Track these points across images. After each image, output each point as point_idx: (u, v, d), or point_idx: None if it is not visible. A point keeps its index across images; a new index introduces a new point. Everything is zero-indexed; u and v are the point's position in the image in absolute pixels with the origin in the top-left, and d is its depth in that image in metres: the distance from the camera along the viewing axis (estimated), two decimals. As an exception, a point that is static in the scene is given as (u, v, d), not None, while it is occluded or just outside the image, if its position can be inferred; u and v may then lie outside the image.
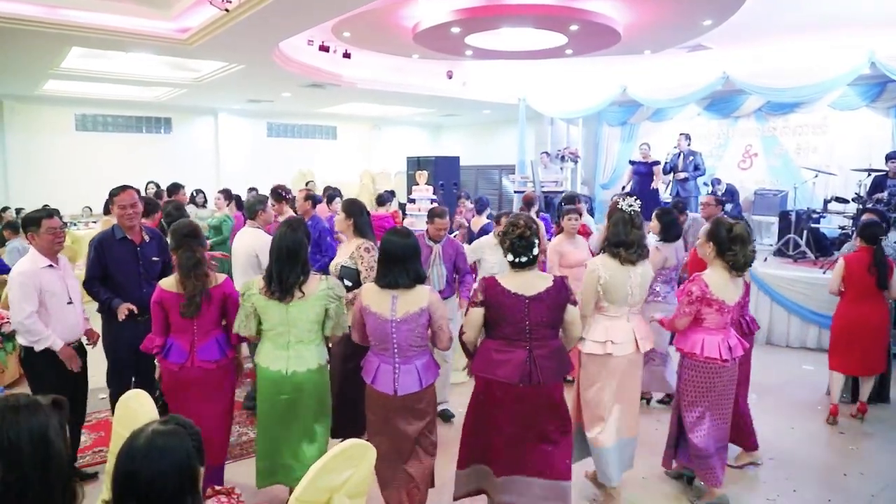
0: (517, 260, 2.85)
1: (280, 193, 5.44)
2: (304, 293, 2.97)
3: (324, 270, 5.00)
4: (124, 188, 3.81)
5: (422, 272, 2.95)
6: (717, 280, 3.32)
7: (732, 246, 3.29)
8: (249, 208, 4.77)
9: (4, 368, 5.11)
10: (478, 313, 2.88)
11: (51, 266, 3.39)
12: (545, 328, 2.84)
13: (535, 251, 2.87)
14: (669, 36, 7.94)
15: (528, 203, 6.79)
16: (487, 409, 2.91)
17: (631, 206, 3.32)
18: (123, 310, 3.58)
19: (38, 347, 3.33)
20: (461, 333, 2.99)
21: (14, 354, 5.03)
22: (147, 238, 3.86)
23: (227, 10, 6.09)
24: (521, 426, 2.85)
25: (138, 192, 3.95)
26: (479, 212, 7.22)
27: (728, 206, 9.27)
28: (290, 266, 2.96)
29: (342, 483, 2.08)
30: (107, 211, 7.59)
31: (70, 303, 3.48)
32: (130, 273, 3.74)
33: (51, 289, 3.37)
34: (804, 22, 7.46)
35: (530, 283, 2.84)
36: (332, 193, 6.92)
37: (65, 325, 3.44)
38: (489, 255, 5.00)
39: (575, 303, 2.93)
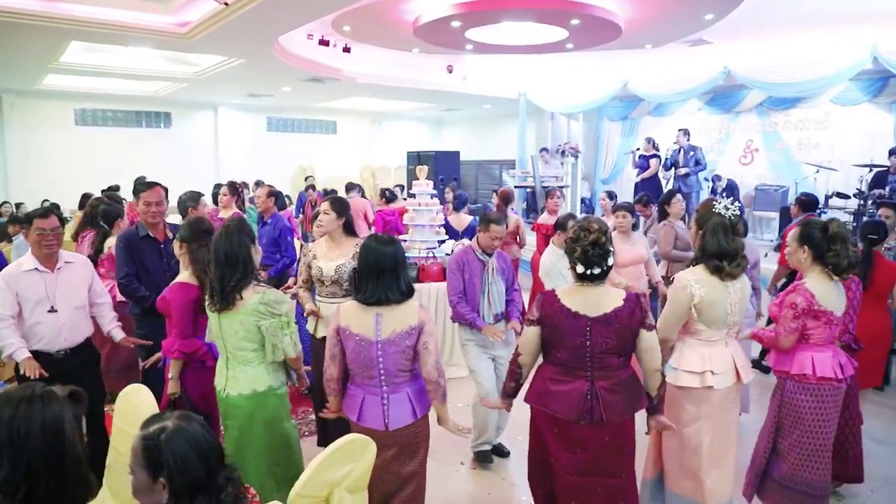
0: (588, 272, 2.42)
1: (236, 187, 5.67)
2: (242, 297, 2.65)
3: (284, 270, 4.92)
4: (152, 185, 3.71)
5: (412, 284, 2.63)
6: (821, 288, 2.87)
7: (832, 246, 2.85)
8: (180, 205, 4.64)
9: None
10: (532, 333, 2.52)
11: (36, 269, 3.09)
12: (611, 356, 2.41)
13: (611, 261, 2.45)
14: (671, 30, 7.91)
15: (504, 199, 6.51)
16: (544, 446, 2.56)
17: (729, 208, 2.84)
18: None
19: (3, 354, 3.08)
20: (517, 356, 2.63)
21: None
22: (171, 235, 3.73)
23: (226, 4, 6.08)
24: (582, 472, 2.46)
25: (165, 189, 3.85)
26: (458, 209, 6.55)
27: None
28: (230, 270, 2.64)
29: (342, 477, 2.08)
30: (82, 206, 7.52)
31: (52, 311, 3.09)
32: (157, 271, 3.65)
33: (27, 295, 3.05)
34: (806, 16, 7.43)
35: (596, 301, 2.43)
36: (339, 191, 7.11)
37: (42, 334, 3.08)
38: (565, 266, 4.18)
39: (651, 328, 2.47)
